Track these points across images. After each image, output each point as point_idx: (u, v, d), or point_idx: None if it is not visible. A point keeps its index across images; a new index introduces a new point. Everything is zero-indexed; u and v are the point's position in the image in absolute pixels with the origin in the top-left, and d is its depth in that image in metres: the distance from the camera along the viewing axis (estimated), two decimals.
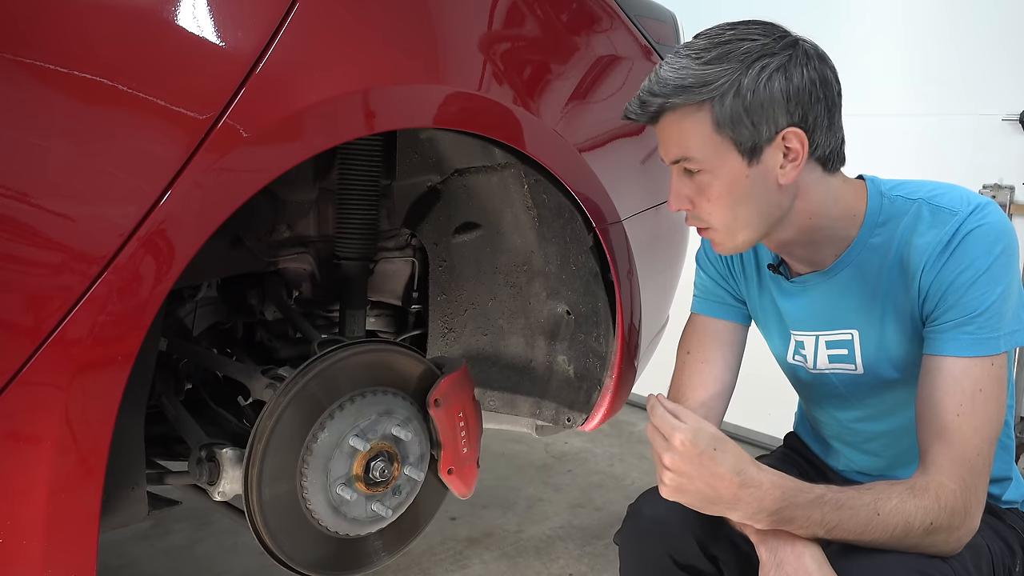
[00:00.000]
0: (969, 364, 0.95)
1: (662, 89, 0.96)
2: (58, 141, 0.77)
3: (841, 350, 1.10)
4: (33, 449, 0.80)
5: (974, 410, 0.94)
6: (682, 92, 0.95)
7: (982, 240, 0.96)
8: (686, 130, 0.97)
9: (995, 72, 2.39)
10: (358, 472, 1.14)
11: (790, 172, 0.97)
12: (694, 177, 0.99)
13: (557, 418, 1.53)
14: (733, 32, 0.96)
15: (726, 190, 0.97)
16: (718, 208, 0.99)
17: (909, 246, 1.00)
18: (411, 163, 1.43)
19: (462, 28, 1.13)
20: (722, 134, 0.95)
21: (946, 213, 0.99)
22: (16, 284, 0.77)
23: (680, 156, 0.99)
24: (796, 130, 0.95)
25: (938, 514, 0.91)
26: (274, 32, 0.89)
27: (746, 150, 0.95)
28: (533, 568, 2.01)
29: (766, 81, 0.93)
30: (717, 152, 0.96)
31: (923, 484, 0.93)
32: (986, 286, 0.95)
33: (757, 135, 0.95)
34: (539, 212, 1.40)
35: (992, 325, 0.95)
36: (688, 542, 1.04)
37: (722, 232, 1.02)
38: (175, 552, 2.01)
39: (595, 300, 1.43)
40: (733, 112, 0.94)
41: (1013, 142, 2.37)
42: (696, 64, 0.95)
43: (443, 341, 1.57)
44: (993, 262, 0.95)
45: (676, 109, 0.96)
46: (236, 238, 1.29)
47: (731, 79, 0.93)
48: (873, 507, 0.90)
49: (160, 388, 1.31)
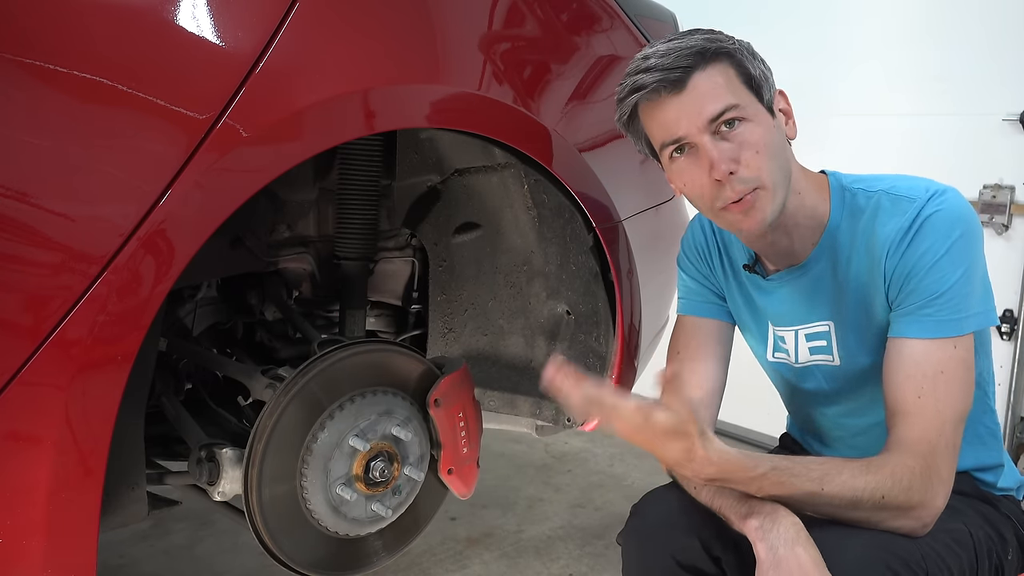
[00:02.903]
0: (931, 346, 0.97)
1: (684, 55, 0.97)
2: (58, 141, 0.77)
3: (820, 342, 1.12)
4: (33, 449, 0.80)
5: (936, 392, 0.96)
6: (711, 43, 0.98)
7: (941, 224, 0.98)
8: (721, 81, 0.98)
9: (995, 72, 2.38)
10: (358, 472, 1.14)
11: (793, 128, 1.05)
12: (733, 132, 0.98)
13: (557, 418, 1.53)
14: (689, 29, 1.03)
15: (768, 139, 0.99)
16: (764, 157, 0.98)
17: (873, 236, 1.02)
18: (411, 163, 1.43)
19: (462, 28, 1.13)
20: (751, 88, 0.99)
21: (905, 201, 1.01)
22: (16, 284, 0.77)
23: (724, 107, 0.97)
24: (782, 91, 1.04)
25: (891, 489, 0.92)
26: (274, 32, 0.89)
27: (767, 105, 1.01)
28: (533, 568, 2.01)
29: (753, 50, 1.01)
30: (751, 101, 0.99)
31: (880, 461, 0.95)
32: (946, 268, 0.97)
33: (769, 91, 1.01)
34: (539, 212, 1.40)
35: (953, 306, 0.96)
36: (692, 543, 1.04)
37: (769, 189, 0.99)
38: (175, 552, 2.01)
39: (595, 300, 1.43)
40: (753, 67, 1.00)
41: (1013, 142, 2.37)
42: (698, 35, 1.00)
43: (443, 341, 1.57)
44: (952, 245, 0.97)
45: (707, 67, 0.97)
46: (236, 238, 1.29)
47: (735, 42, 1.00)
48: (818, 483, 0.92)
49: (160, 388, 1.31)
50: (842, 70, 2.64)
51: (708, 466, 0.90)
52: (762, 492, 0.94)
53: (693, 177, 1.01)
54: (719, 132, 0.98)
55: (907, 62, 2.55)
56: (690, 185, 1.02)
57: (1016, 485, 1.14)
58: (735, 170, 0.98)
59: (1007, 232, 2.41)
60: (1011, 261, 2.42)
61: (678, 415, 0.86)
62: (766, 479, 0.93)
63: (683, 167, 1.02)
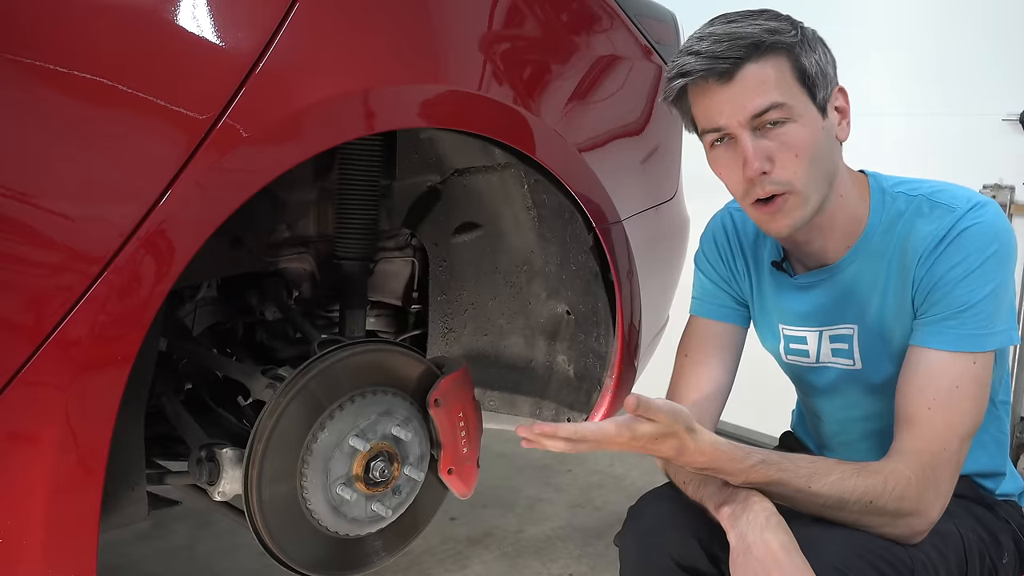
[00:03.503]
0: (949, 359, 0.96)
1: (737, 42, 0.94)
2: (58, 141, 0.77)
3: (842, 344, 1.11)
4: (33, 449, 0.80)
5: (947, 405, 0.95)
6: (770, 35, 0.94)
7: (977, 238, 0.96)
8: (771, 76, 0.95)
9: (995, 72, 2.38)
10: (358, 472, 1.14)
11: (846, 128, 1.01)
12: (776, 130, 0.96)
13: (557, 418, 1.53)
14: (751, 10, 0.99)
15: (810, 141, 0.96)
16: (803, 162, 0.96)
17: (908, 241, 1.01)
18: (411, 163, 1.43)
19: (462, 28, 1.13)
20: (803, 85, 0.96)
21: (944, 209, 0.99)
22: (16, 284, 0.77)
23: (769, 104, 0.95)
24: (842, 88, 0.99)
25: (881, 494, 0.92)
26: (274, 32, 0.89)
27: (820, 104, 0.98)
28: (533, 568, 2.01)
29: (818, 42, 0.98)
30: (801, 101, 0.96)
31: (876, 467, 0.94)
32: (976, 283, 0.95)
33: (825, 89, 0.98)
34: (539, 212, 1.40)
35: (978, 322, 0.95)
36: (690, 543, 1.04)
37: (801, 194, 0.98)
38: (175, 552, 2.01)
39: (595, 300, 1.43)
40: (810, 63, 0.96)
41: (1013, 142, 2.37)
42: (757, 20, 0.96)
43: (443, 341, 1.57)
44: (985, 260, 0.96)
45: (760, 59, 0.94)
46: (236, 238, 1.29)
47: (797, 32, 0.96)
48: (805, 481, 0.93)
49: (160, 388, 1.31)
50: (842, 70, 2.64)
51: (699, 456, 0.91)
52: (750, 483, 0.95)
53: (729, 170, 1.00)
54: (761, 128, 0.96)
55: (907, 62, 2.55)
56: (725, 176, 1.02)
57: (1018, 491, 1.13)
58: (769, 170, 0.97)
59: None
60: None
61: (659, 423, 0.88)
62: (754, 471, 0.93)
63: (720, 157, 1.01)
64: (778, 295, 1.16)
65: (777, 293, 1.16)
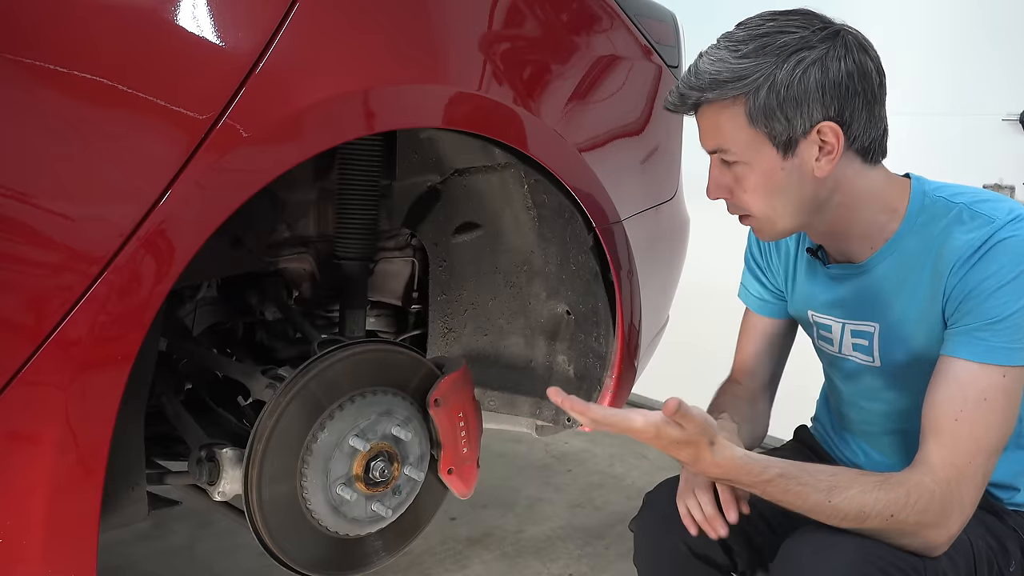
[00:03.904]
0: (979, 370, 0.94)
1: (698, 83, 0.98)
2: (58, 141, 0.77)
3: (863, 340, 1.11)
4: (33, 449, 0.80)
5: (974, 417, 0.93)
6: (717, 87, 0.96)
7: (1014, 250, 0.95)
8: (722, 123, 0.99)
9: (995, 72, 2.39)
10: (358, 472, 1.14)
11: (825, 166, 0.98)
12: (731, 167, 1.01)
13: (557, 418, 1.53)
14: (773, 24, 0.97)
15: (761, 182, 0.99)
16: (755, 198, 1.01)
17: (944, 246, 1.00)
18: (411, 163, 1.43)
19: (462, 28, 1.13)
20: (756, 127, 0.97)
21: (983, 219, 0.98)
22: (16, 284, 0.77)
23: (717, 147, 1.01)
24: (831, 124, 0.96)
25: (902, 508, 0.90)
26: (274, 32, 0.89)
27: (780, 144, 0.97)
28: (533, 568, 2.01)
29: (801, 75, 0.94)
30: (752, 145, 0.98)
31: (899, 479, 0.93)
32: (1009, 295, 0.94)
33: (791, 129, 0.96)
34: (539, 212, 1.40)
35: (1010, 335, 0.94)
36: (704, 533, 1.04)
37: (761, 220, 1.04)
38: (175, 552, 2.01)
39: (595, 300, 1.42)
40: (767, 106, 0.95)
41: (1013, 142, 2.37)
42: (733, 57, 0.96)
43: (443, 341, 1.57)
44: (1021, 273, 0.94)
45: (712, 103, 0.98)
46: (236, 238, 1.29)
47: (766, 73, 0.94)
48: (826, 494, 0.91)
49: (160, 388, 1.31)
50: None
51: (714, 468, 0.92)
52: (768, 496, 0.94)
53: None
54: (722, 160, 1.02)
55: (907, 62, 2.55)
56: None
57: None
58: (728, 197, 1.04)
59: None
60: None
61: (686, 430, 0.88)
62: (772, 484, 0.92)
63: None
64: (810, 281, 1.18)
65: (809, 278, 1.18)
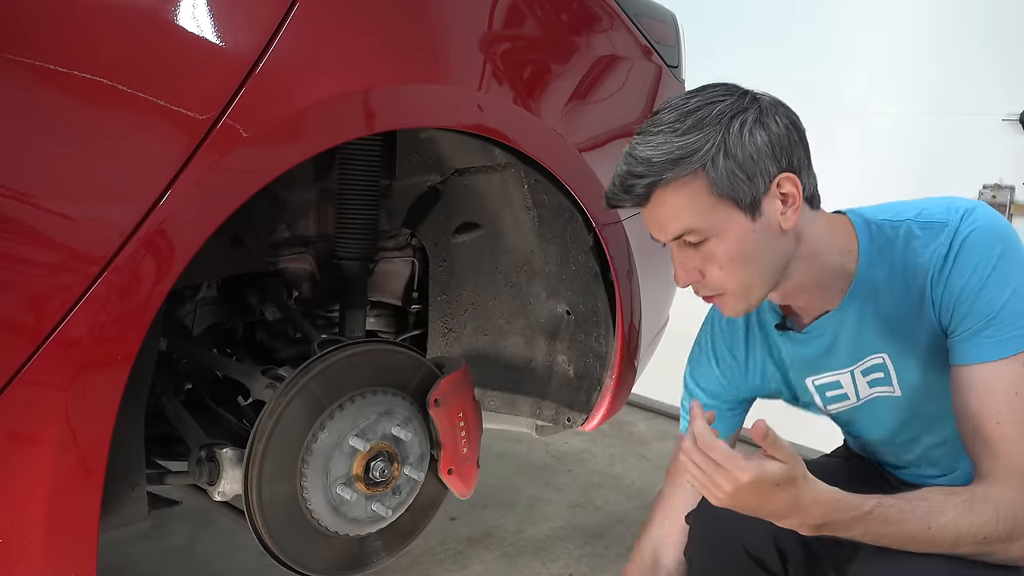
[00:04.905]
0: (997, 368, 0.94)
1: (649, 169, 0.94)
2: (59, 141, 0.77)
3: (878, 374, 1.08)
4: (33, 449, 0.80)
5: (1013, 414, 0.92)
6: (674, 165, 0.93)
7: (980, 243, 0.96)
8: (683, 202, 0.95)
9: (995, 72, 2.38)
10: (358, 472, 1.14)
11: (791, 216, 0.97)
12: (700, 247, 0.97)
13: (557, 418, 1.53)
14: (697, 99, 0.97)
15: (737, 251, 0.96)
16: (731, 272, 0.97)
17: (909, 265, 1.00)
18: (411, 163, 1.43)
19: (462, 28, 1.13)
20: (721, 197, 0.94)
21: (937, 225, 0.99)
22: (16, 284, 0.77)
23: (683, 230, 0.97)
24: (788, 175, 0.96)
25: (995, 527, 0.89)
26: (274, 32, 0.89)
27: (747, 206, 0.95)
28: (533, 568, 2.01)
29: (749, 136, 0.94)
30: (720, 216, 0.95)
31: (983, 494, 0.91)
32: (995, 287, 0.94)
33: (755, 189, 0.95)
34: (539, 212, 1.40)
35: (1011, 323, 0.94)
36: (765, 536, 1.03)
37: (737, 294, 1.00)
38: (175, 552, 2.01)
39: (595, 300, 1.42)
40: (728, 172, 0.93)
41: (1013, 142, 2.37)
42: (675, 136, 0.94)
43: (443, 341, 1.57)
44: (996, 262, 0.95)
45: (668, 185, 0.95)
46: (236, 238, 1.29)
47: (716, 141, 0.93)
48: (924, 521, 0.89)
49: (160, 388, 1.31)
50: (843, 70, 2.64)
51: (816, 508, 0.88)
52: (869, 534, 0.90)
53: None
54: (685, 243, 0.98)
55: (907, 62, 2.55)
56: None
57: None
58: (699, 279, 1.00)
59: None
60: None
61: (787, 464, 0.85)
62: (872, 518, 0.89)
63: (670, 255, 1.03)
64: (796, 352, 1.13)
65: (794, 351, 1.14)
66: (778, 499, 0.87)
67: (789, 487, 0.86)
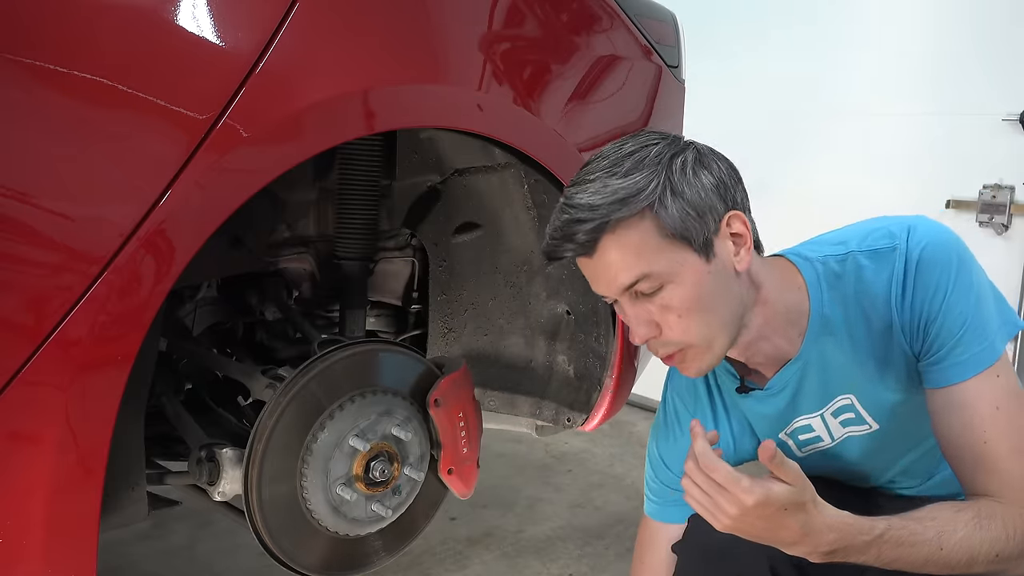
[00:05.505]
0: (975, 385, 0.93)
1: (593, 213, 0.89)
2: (59, 141, 0.77)
3: (848, 414, 1.06)
4: (33, 449, 0.80)
5: (998, 428, 0.91)
6: (621, 206, 0.88)
7: (935, 259, 0.94)
8: (633, 247, 0.90)
9: (995, 72, 2.39)
10: (358, 472, 1.14)
11: (744, 255, 0.94)
12: (654, 297, 0.92)
13: (557, 418, 1.53)
14: (632, 144, 0.93)
15: (694, 296, 0.91)
16: (691, 320, 0.92)
17: (866, 297, 0.98)
18: (411, 163, 1.43)
19: (462, 28, 1.13)
20: (673, 238, 0.90)
21: (885, 252, 0.97)
22: (16, 284, 0.77)
23: (636, 277, 0.90)
24: (736, 212, 0.93)
25: (1006, 543, 0.88)
26: (274, 32, 0.89)
27: (700, 247, 0.91)
28: (533, 568, 2.01)
29: (693, 174, 0.91)
30: (674, 258, 0.90)
31: (990, 510, 0.89)
32: (958, 302, 0.93)
33: (706, 228, 0.91)
34: (539, 212, 1.40)
35: (979, 336, 0.93)
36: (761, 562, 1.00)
37: (700, 346, 0.94)
38: (175, 552, 2.01)
39: (595, 300, 1.42)
40: (679, 211, 0.89)
41: (1013, 142, 2.37)
42: (616, 179, 0.89)
43: (443, 341, 1.57)
44: (955, 276, 0.93)
45: (616, 228, 0.89)
46: (236, 238, 1.29)
47: (660, 180, 0.89)
48: (936, 543, 0.87)
49: (160, 388, 1.31)
50: (843, 70, 2.64)
51: (827, 533, 0.84)
52: (882, 558, 0.87)
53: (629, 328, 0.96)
54: (638, 295, 0.92)
55: (907, 62, 2.55)
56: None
57: None
58: (656, 334, 0.94)
59: (1007, 232, 2.42)
60: (1011, 261, 2.43)
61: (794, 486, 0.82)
62: (883, 542, 0.86)
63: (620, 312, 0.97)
64: (763, 410, 1.09)
65: (760, 409, 1.10)
66: (787, 524, 0.83)
67: (798, 512, 0.83)
